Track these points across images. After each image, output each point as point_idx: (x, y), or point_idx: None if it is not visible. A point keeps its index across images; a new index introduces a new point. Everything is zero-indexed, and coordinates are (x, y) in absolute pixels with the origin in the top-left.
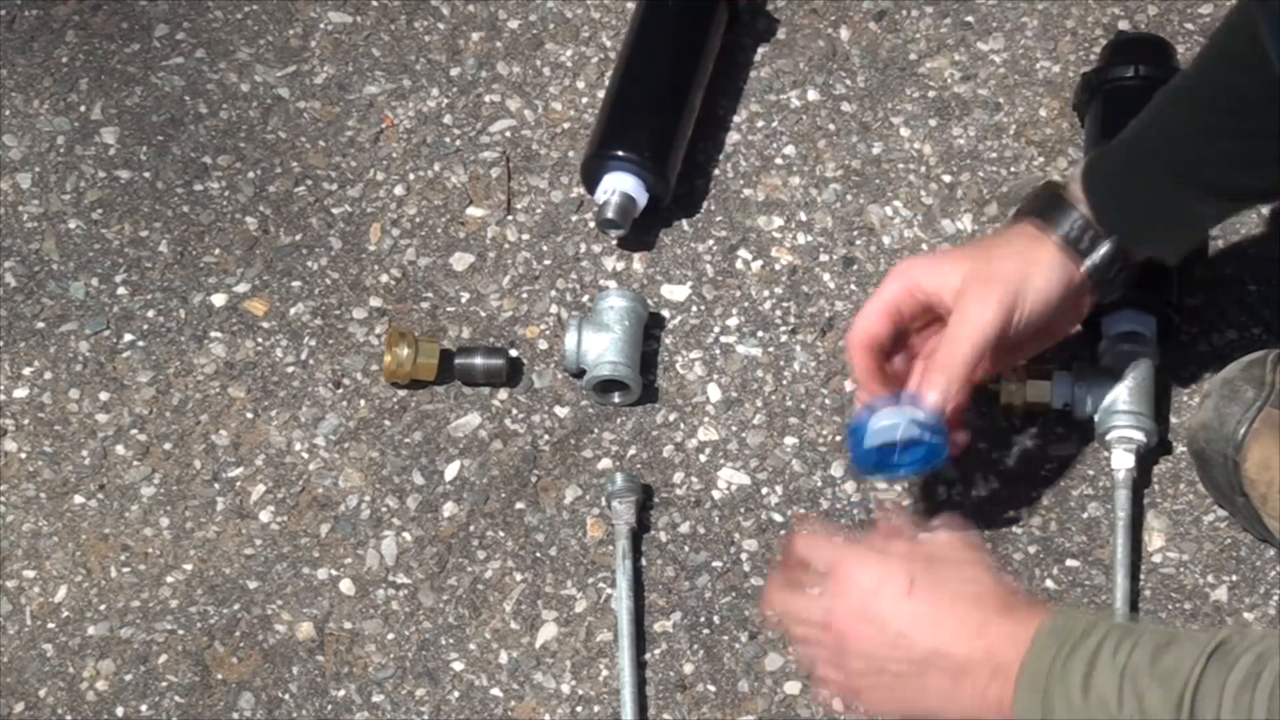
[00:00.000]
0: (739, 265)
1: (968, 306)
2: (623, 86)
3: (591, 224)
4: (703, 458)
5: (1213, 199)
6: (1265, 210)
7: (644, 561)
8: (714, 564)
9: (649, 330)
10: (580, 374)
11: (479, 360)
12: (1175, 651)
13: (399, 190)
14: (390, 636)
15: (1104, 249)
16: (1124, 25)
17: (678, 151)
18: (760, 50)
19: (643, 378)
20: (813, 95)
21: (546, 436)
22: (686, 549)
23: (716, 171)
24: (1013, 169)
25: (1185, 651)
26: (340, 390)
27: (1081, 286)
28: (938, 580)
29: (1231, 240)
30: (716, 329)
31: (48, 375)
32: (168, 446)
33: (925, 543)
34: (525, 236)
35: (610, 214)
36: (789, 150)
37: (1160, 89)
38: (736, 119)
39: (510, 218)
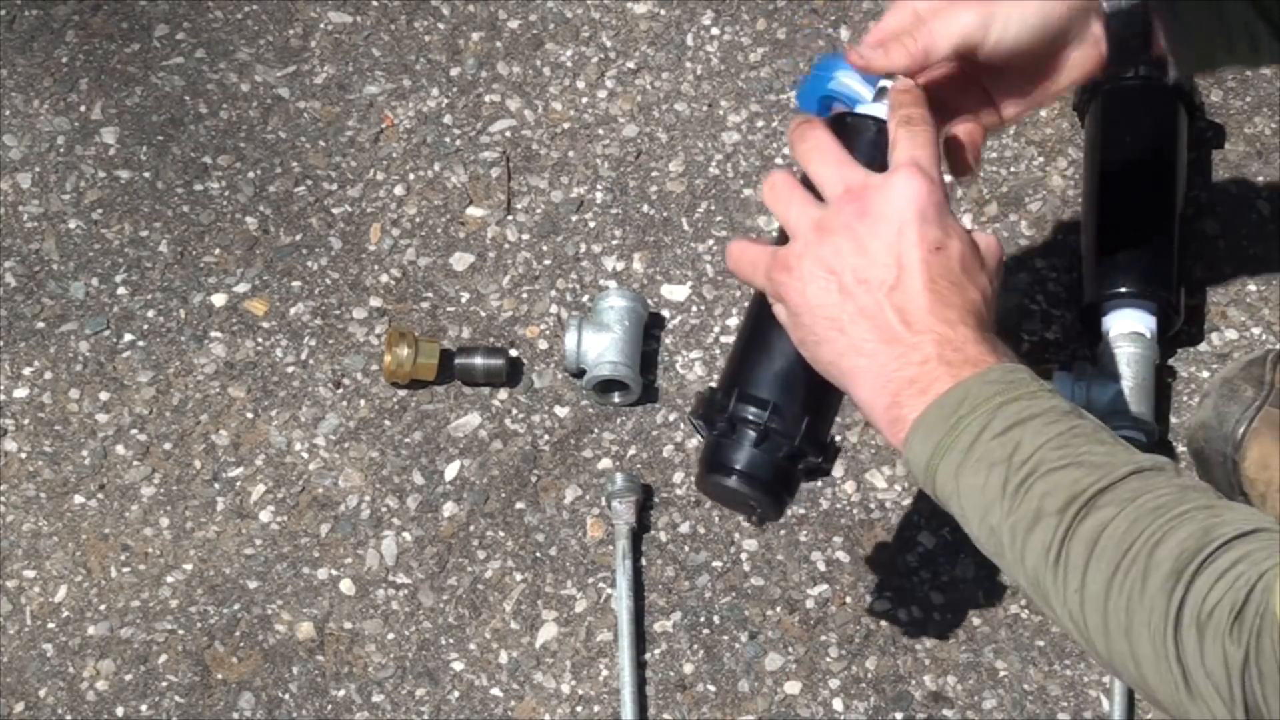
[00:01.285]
0: None
1: (955, 6)
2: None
3: (591, 224)
4: None
5: (1265, 30)
6: (1265, 210)
7: (644, 561)
8: (714, 564)
9: (649, 330)
10: (580, 374)
11: (479, 360)
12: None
13: (399, 190)
14: (390, 636)
15: (1139, 16)
16: None
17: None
18: (760, 50)
19: (643, 378)
20: None
21: (546, 436)
22: (686, 549)
23: (716, 171)
24: (1013, 169)
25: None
26: (340, 390)
27: (1094, 28)
28: (965, 270)
29: (1231, 240)
30: (716, 329)
31: (48, 375)
32: (168, 446)
33: (976, 236)
34: (525, 236)
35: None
36: (789, 150)
37: None
38: (736, 119)
39: (510, 218)
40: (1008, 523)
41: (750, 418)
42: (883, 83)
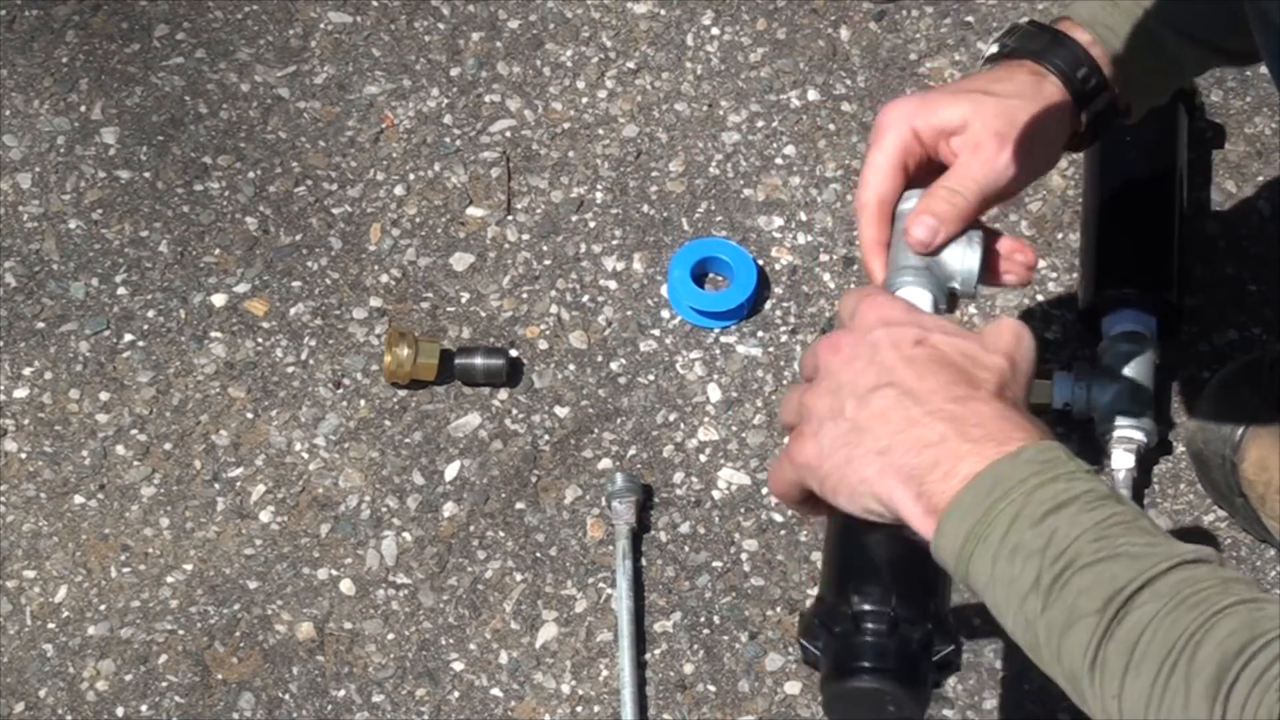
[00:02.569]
0: None
1: (982, 146)
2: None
3: (592, 224)
4: (703, 458)
5: (1194, 46)
6: (1265, 210)
7: (644, 561)
8: (714, 564)
9: (648, 330)
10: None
11: (479, 360)
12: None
13: (399, 190)
14: (390, 636)
15: (1106, 95)
16: None
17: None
18: (760, 50)
19: (645, 378)
20: (813, 95)
21: (546, 436)
22: (686, 549)
23: (716, 171)
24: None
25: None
26: (340, 390)
27: (1073, 129)
28: (957, 349)
29: (1231, 240)
30: (717, 329)
31: (48, 375)
32: (168, 446)
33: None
34: (525, 236)
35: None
36: (789, 150)
37: None
38: (736, 119)
39: (510, 218)
40: (1043, 620)
41: (874, 608)
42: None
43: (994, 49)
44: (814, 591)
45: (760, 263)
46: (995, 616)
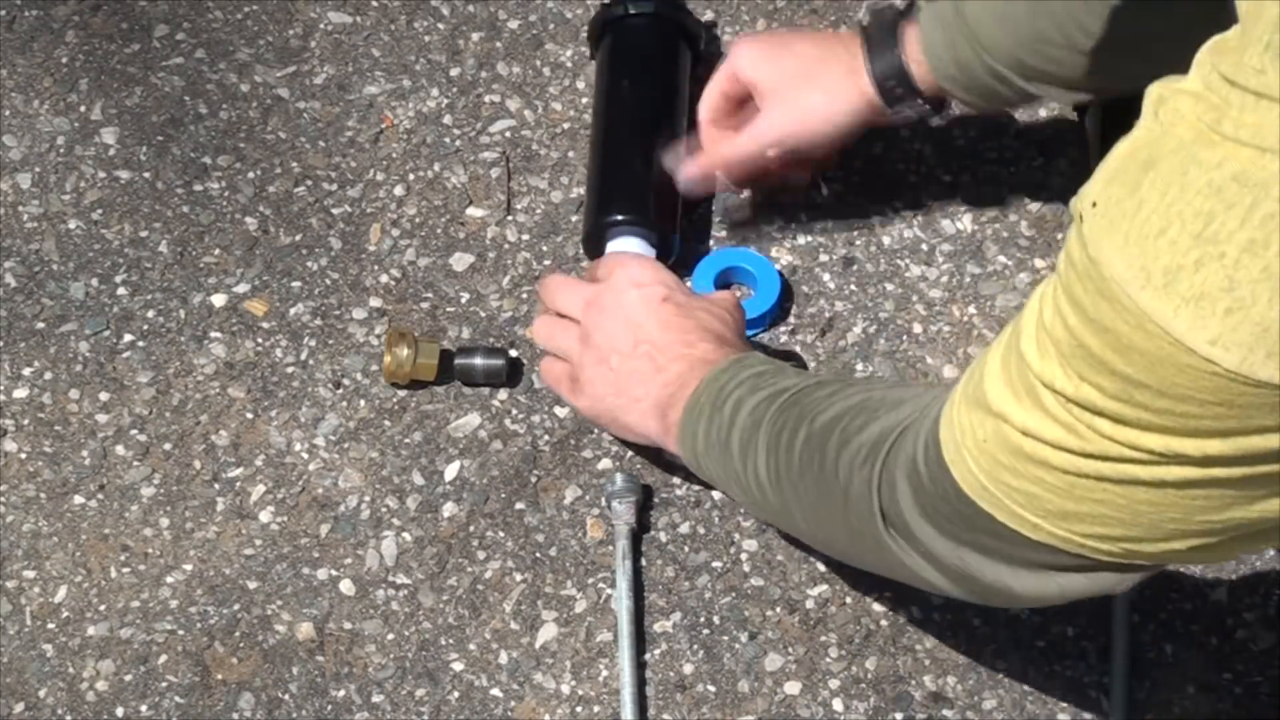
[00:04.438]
0: None
1: (766, 116)
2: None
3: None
4: None
5: (1017, 78)
6: None
7: (644, 561)
8: (714, 564)
9: None
10: None
11: (479, 360)
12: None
13: (399, 190)
14: (390, 637)
15: (914, 107)
16: None
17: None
18: None
19: None
20: None
21: (546, 436)
22: (686, 549)
23: (716, 171)
24: (1012, 169)
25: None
26: (340, 390)
27: (874, 121)
28: (685, 301)
29: None
30: None
31: (48, 375)
32: (168, 447)
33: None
34: (525, 237)
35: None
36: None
37: None
38: None
39: (510, 218)
40: (739, 464)
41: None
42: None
43: (865, 18)
44: (814, 592)
45: (782, 272)
46: (724, 489)
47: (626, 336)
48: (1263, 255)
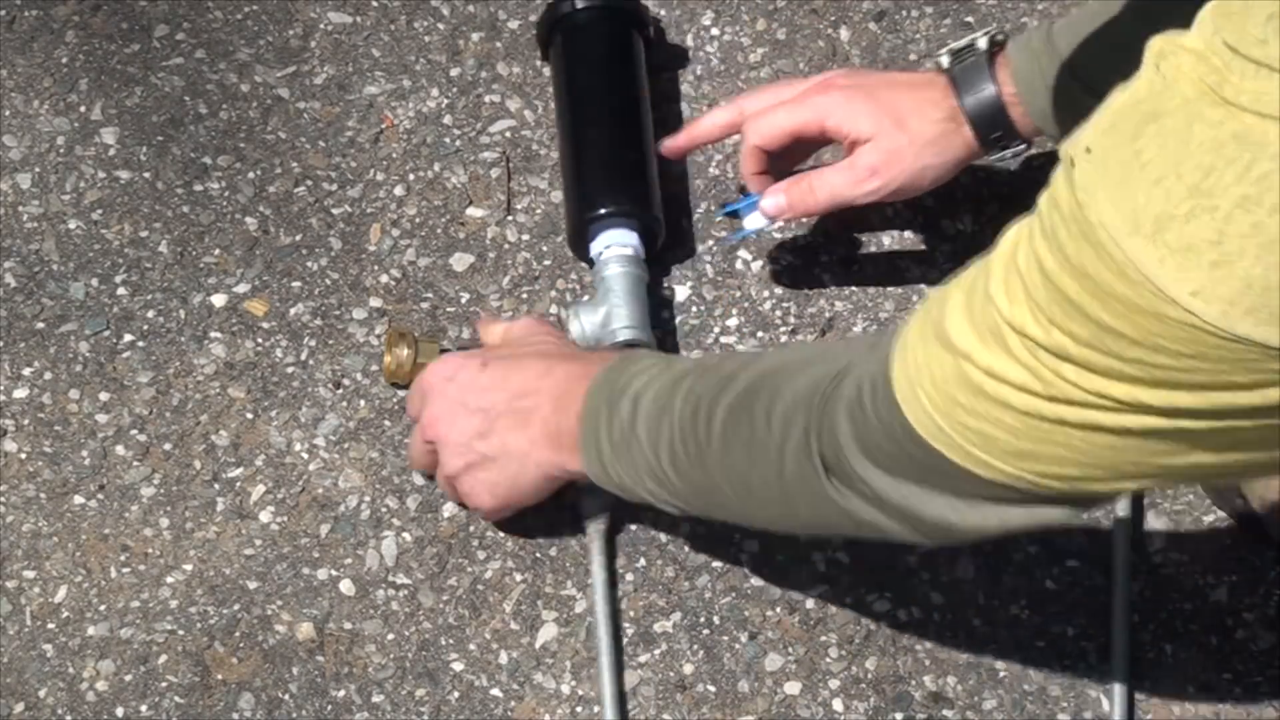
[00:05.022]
0: (739, 265)
1: (861, 169)
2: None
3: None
4: None
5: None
6: None
7: (644, 561)
8: (714, 564)
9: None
10: None
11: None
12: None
13: (399, 190)
14: (390, 637)
15: (1015, 149)
16: None
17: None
18: (760, 50)
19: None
20: None
21: None
22: (686, 549)
23: (716, 172)
24: (1013, 169)
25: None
26: (340, 390)
27: (969, 162)
28: (508, 353)
29: None
30: (716, 329)
31: (48, 375)
32: (168, 447)
33: (506, 330)
34: (525, 237)
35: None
36: None
37: None
38: None
39: (510, 218)
40: (646, 455)
41: None
42: None
43: (945, 60)
44: (814, 591)
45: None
46: (636, 492)
47: (471, 421)
48: (1254, 212)
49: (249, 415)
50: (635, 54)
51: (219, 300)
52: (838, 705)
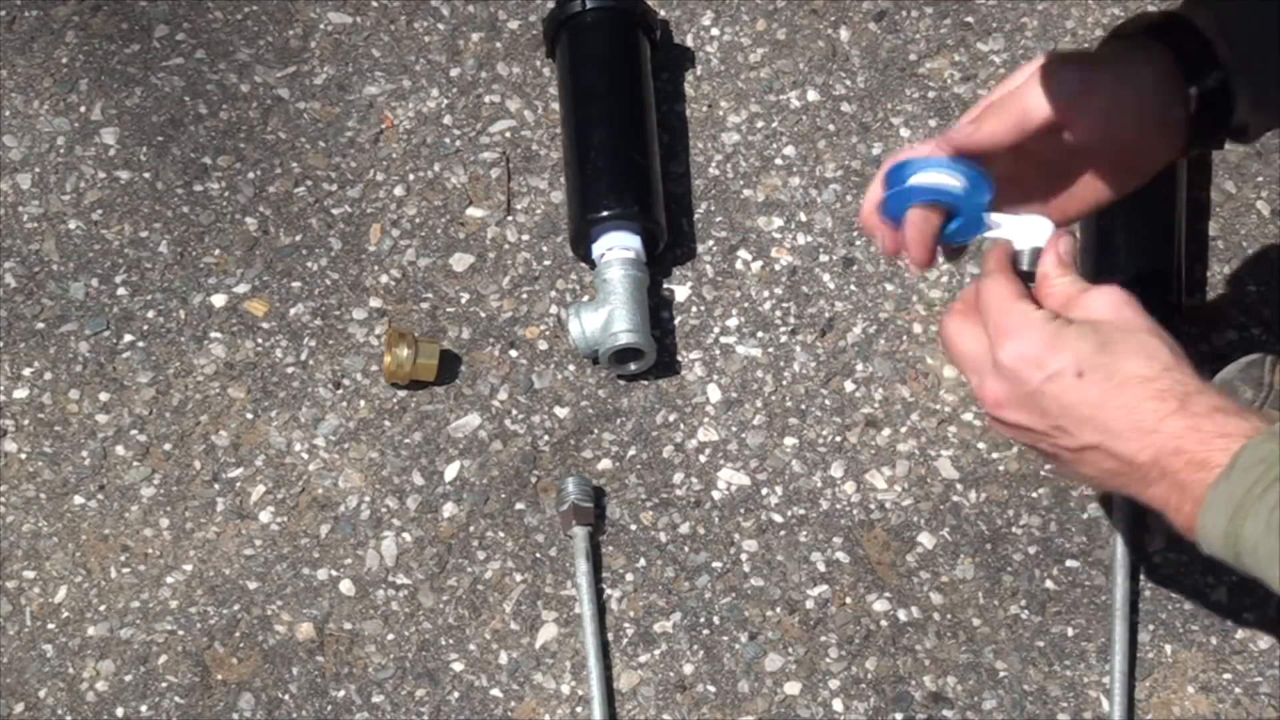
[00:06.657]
0: (739, 265)
1: (1093, 182)
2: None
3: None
4: (703, 458)
5: None
6: (1265, 210)
7: (644, 561)
8: (714, 564)
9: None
10: (596, 359)
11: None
12: None
13: (399, 191)
14: (390, 637)
15: (1230, 126)
16: None
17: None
18: (760, 50)
19: (644, 378)
20: (813, 95)
21: (546, 437)
22: (686, 549)
23: (716, 172)
24: None
25: None
26: (340, 391)
27: (1177, 113)
28: (1108, 363)
29: (1231, 240)
30: (716, 329)
31: (48, 376)
32: (168, 447)
33: (1094, 316)
34: (525, 237)
35: None
36: (789, 150)
37: None
38: (736, 119)
39: (510, 218)
40: None
41: None
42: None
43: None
44: (814, 592)
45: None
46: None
47: (1052, 439)
48: None
49: (249, 415)
50: (641, 57)
51: (219, 300)
52: (838, 705)
